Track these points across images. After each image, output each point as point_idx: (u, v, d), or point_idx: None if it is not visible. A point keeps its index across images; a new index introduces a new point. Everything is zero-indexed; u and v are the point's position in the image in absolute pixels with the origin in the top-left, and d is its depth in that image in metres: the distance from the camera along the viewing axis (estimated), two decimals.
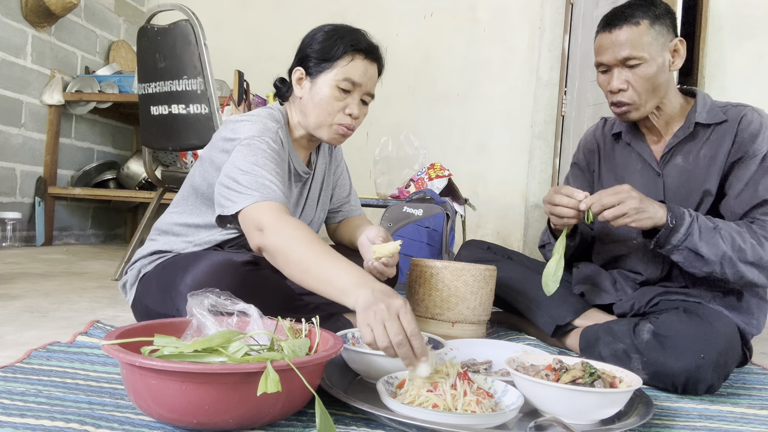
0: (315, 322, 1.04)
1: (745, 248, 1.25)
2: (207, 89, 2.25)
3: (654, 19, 1.35)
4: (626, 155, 1.53)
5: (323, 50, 1.37)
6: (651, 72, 1.36)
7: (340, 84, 1.36)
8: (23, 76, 3.46)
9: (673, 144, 1.44)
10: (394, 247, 1.32)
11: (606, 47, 1.38)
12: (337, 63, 1.36)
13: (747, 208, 1.33)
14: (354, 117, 1.39)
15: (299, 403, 0.90)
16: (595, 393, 0.94)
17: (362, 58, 1.38)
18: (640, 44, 1.34)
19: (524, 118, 3.91)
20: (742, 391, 1.29)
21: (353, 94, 1.38)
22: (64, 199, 3.79)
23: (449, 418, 0.86)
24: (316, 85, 1.37)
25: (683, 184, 1.42)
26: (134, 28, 4.27)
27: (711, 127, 1.41)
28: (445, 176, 2.69)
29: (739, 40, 3.18)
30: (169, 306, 1.25)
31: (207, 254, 1.24)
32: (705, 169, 1.40)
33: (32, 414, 0.85)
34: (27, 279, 2.28)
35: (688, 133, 1.42)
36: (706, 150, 1.40)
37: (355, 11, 4.10)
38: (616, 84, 1.38)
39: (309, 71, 1.39)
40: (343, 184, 1.70)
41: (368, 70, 1.40)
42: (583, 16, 3.67)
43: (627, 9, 1.38)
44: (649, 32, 1.35)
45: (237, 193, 1.20)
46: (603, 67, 1.41)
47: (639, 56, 1.34)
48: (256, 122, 1.33)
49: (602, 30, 1.40)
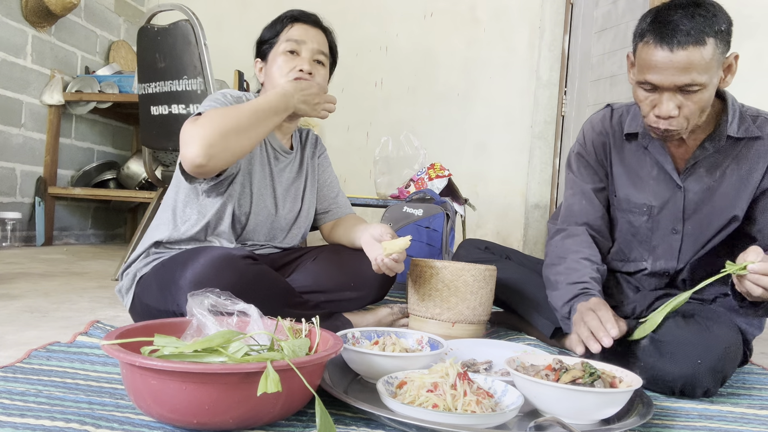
0: (315, 322, 1.04)
1: None
2: (207, 89, 2.25)
3: (718, 35, 1.16)
4: (639, 158, 1.40)
5: (268, 32, 1.53)
6: (706, 97, 1.19)
7: (285, 47, 1.48)
8: (23, 76, 3.46)
9: (700, 157, 1.31)
10: (404, 242, 1.33)
11: (663, 68, 1.17)
12: (279, 37, 1.50)
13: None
14: (306, 71, 1.47)
15: (299, 403, 0.90)
16: (595, 393, 0.94)
17: (300, 24, 1.51)
18: (704, 68, 1.15)
19: (524, 118, 3.91)
20: (742, 391, 1.29)
21: (302, 54, 1.48)
22: (64, 199, 3.79)
23: (449, 418, 0.86)
24: (269, 62, 1.51)
25: (706, 202, 1.32)
26: (134, 28, 4.27)
27: (742, 141, 1.29)
28: (445, 176, 2.69)
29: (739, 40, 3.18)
30: (169, 302, 1.25)
31: (206, 250, 1.25)
32: (733, 190, 1.29)
33: (32, 414, 0.85)
34: (27, 279, 2.27)
35: (719, 147, 1.29)
36: (735, 167, 1.29)
37: (355, 11, 4.11)
38: (666, 110, 1.19)
39: (263, 55, 1.53)
40: (331, 183, 1.72)
41: (308, 31, 1.51)
42: (583, 16, 3.67)
43: (690, 22, 1.15)
44: (714, 53, 1.16)
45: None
46: (648, 86, 1.21)
47: (701, 83, 1.16)
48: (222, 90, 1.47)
49: (658, 44, 1.17)
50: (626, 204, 1.43)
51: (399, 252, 1.33)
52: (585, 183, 1.48)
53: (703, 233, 1.35)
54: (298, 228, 1.62)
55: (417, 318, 1.55)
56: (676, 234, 1.38)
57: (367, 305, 1.65)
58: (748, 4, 3.19)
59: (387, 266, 1.36)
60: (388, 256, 1.34)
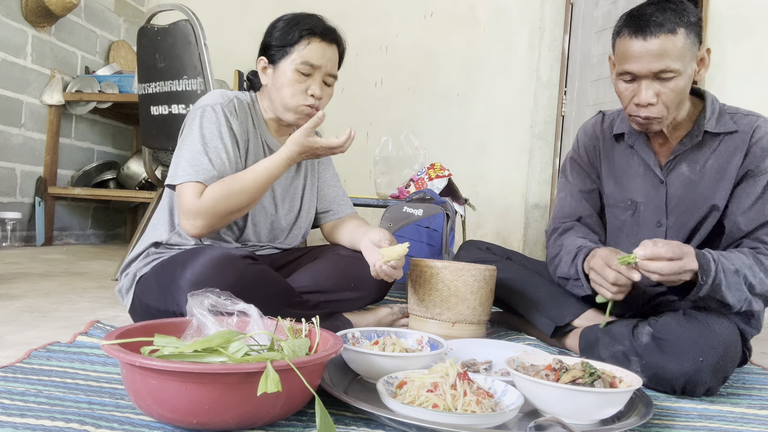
0: (315, 322, 1.04)
1: (755, 284, 1.23)
2: (207, 89, 2.25)
3: (688, 26, 1.24)
4: (627, 157, 1.47)
5: (282, 37, 1.45)
6: (682, 85, 1.26)
7: (299, 68, 1.43)
8: (23, 76, 3.46)
9: (680, 152, 1.37)
10: (402, 249, 1.34)
11: (638, 56, 1.25)
12: (295, 48, 1.44)
13: (753, 226, 1.30)
14: (317, 97, 1.45)
15: (299, 403, 0.90)
16: (595, 393, 0.94)
17: (319, 40, 1.45)
18: (677, 55, 1.23)
19: (524, 118, 3.91)
20: (742, 391, 1.29)
21: (314, 76, 1.45)
22: (64, 199, 3.79)
23: (449, 418, 0.86)
24: (278, 71, 1.45)
25: (688, 195, 1.37)
26: (134, 28, 4.27)
27: (720, 136, 1.35)
28: (445, 176, 2.69)
29: (738, 40, 3.18)
30: (169, 302, 1.25)
31: (206, 250, 1.25)
32: (713, 182, 1.34)
33: (32, 414, 0.85)
34: (27, 279, 2.27)
35: (696, 142, 1.36)
36: (714, 161, 1.35)
37: (355, 11, 4.11)
38: (645, 97, 1.27)
39: (271, 59, 1.48)
40: (331, 182, 1.71)
41: (326, 51, 1.46)
42: (583, 16, 3.67)
43: (660, 13, 1.24)
44: (685, 42, 1.24)
45: (175, 166, 1.37)
46: (629, 76, 1.29)
47: (675, 69, 1.24)
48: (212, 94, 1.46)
49: (633, 35, 1.26)
50: (612, 200, 1.50)
51: (397, 259, 1.34)
52: (576, 185, 1.56)
53: (686, 225, 1.39)
54: (299, 228, 1.62)
55: (417, 318, 1.55)
56: (660, 227, 1.42)
57: (367, 305, 1.65)
58: (747, 4, 3.19)
59: (385, 273, 1.36)
60: (386, 263, 1.34)
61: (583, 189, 1.55)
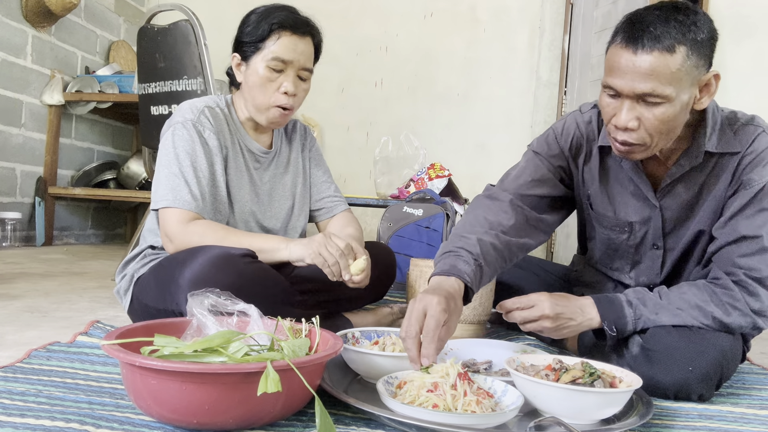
0: (315, 322, 1.04)
1: (710, 324, 1.17)
2: (207, 89, 2.25)
3: (693, 45, 1.04)
4: (617, 169, 1.32)
5: (252, 32, 1.40)
6: (670, 114, 1.07)
7: (270, 64, 1.38)
8: (23, 76, 3.46)
9: (676, 175, 1.23)
10: (361, 264, 1.32)
11: (623, 71, 1.06)
12: (265, 43, 1.38)
13: (722, 243, 1.19)
14: (290, 94, 1.40)
15: (299, 403, 0.90)
16: (595, 393, 0.94)
17: (290, 34, 1.39)
18: (669, 79, 1.04)
19: (524, 118, 3.91)
20: (742, 391, 1.29)
21: (286, 71, 1.40)
22: (64, 199, 3.79)
23: (449, 418, 0.86)
24: (250, 68, 1.41)
25: (682, 218, 1.28)
26: (134, 28, 4.27)
27: (717, 154, 1.21)
28: (445, 176, 2.69)
29: (738, 40, 3.18)
30: (168, 301, 1.24)
31: (205, 249, 1.24)
32: (704, 205, 1.24)
33: (32, 414, 0.85)
34: (27, 279, 2.28)
35: (696, 164, 1.21)
36: (709, 180, 1.22)
37: (355, 11, 4.10)
38: (624, 121, 1.08)
39: (244, 56, 1.43)
40: (322, 180, 1.66)
41: (298, 45, 1.40)
42: (583, 16, 3.67)
43: (662, 24, 1.04)
44: (684, 64, 1.04)
45: (155, 190, 1.35)
46: (611, 91, 1.10)
47: (664, 94, 1.05)
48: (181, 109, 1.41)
49: (623, 44, 1.07)
50: (606, 221, 1.38)
51: (358, 273, 1.32)
52: (540, 162, 1.36)
53: (678, 248, 1.32)
54: (294, 227, 1.59)
55: None
56: (657, 249, 1.35)
57: (367, 305, 1.65)
58: (747, 4, 3.19)
59: (354, 282, 1.33)
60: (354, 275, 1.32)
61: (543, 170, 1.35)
